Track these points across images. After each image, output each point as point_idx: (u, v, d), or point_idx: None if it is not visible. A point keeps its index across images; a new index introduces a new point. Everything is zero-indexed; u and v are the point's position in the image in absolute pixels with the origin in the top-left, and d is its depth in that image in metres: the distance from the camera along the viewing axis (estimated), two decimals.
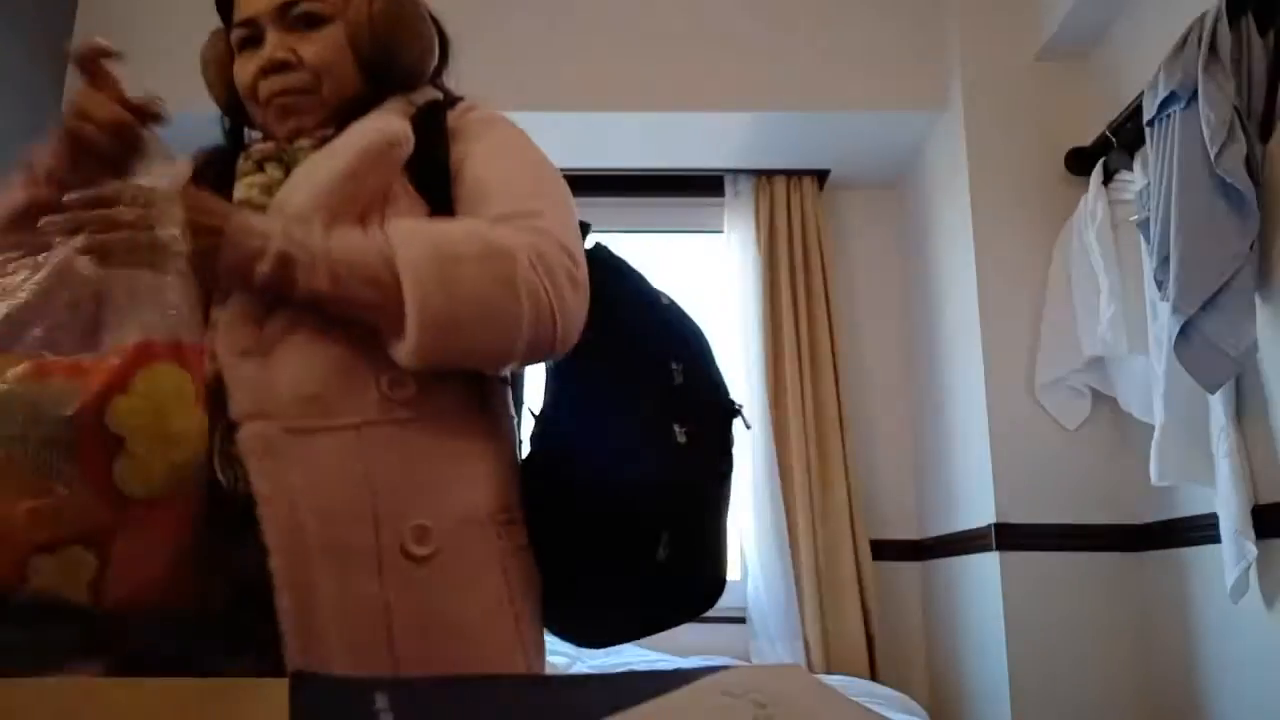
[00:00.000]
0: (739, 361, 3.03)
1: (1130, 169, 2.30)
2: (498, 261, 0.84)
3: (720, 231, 3.20)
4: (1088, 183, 2.43)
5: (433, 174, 0.95)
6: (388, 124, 0.95)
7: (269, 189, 0.94)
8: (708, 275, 3.24)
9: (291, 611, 0.77)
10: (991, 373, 2.52)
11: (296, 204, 0.88)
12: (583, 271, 0.90)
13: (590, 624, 1.02)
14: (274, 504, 0.79)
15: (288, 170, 0.96)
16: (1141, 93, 2.11)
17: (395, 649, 0.80)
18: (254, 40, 1.02)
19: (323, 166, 0.91)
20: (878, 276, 3.26)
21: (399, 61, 1.03)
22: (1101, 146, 2.41)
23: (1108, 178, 2.40)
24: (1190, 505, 2.17)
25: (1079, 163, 2.55)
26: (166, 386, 0.67)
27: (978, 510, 2.54)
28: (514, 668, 0.88)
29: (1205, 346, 1.81)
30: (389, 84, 1.03)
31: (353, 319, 0.85)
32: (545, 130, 1.10)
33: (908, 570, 3.01)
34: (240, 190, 0.95)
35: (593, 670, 2.50)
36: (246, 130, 1.11)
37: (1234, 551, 1.83)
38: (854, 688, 2.51)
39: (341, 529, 0.81)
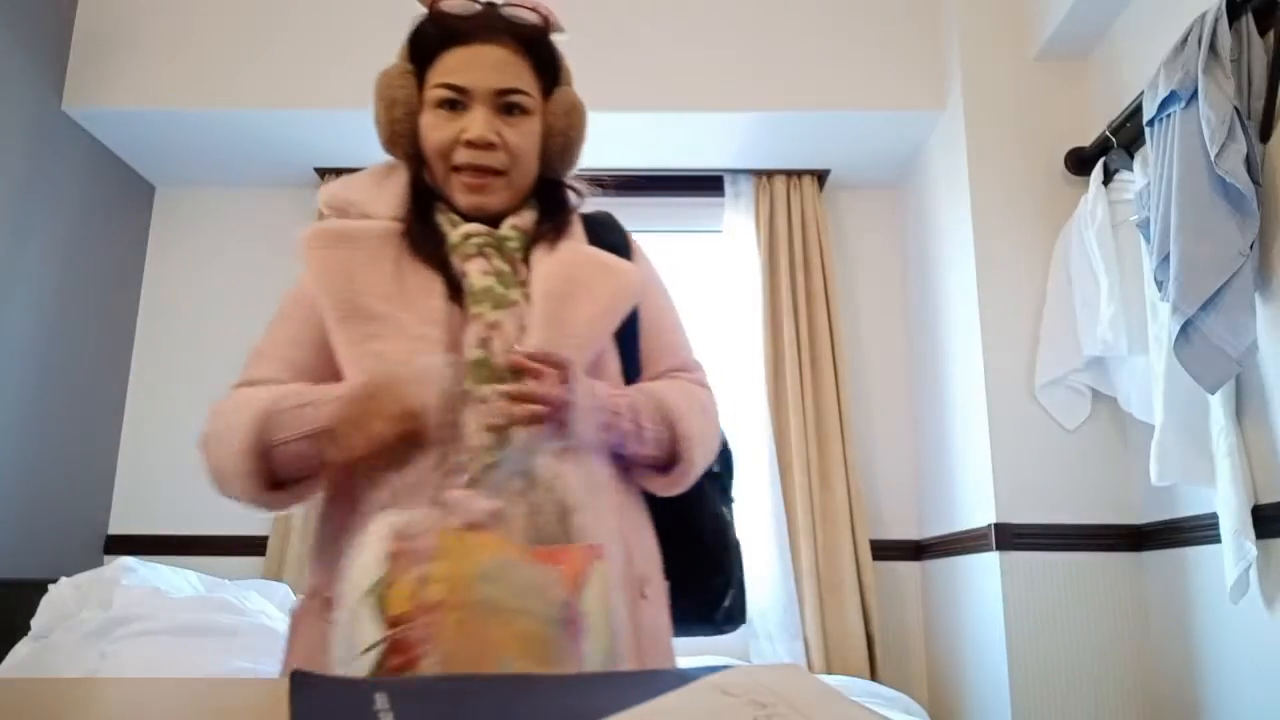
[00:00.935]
0: (739, 361, 3.03)
1: (1130, 169, 2.30)
2: (716, 429, 1.17)
3: (720, 231, 3.20)
4: (1088, 183, 2.43)
5: None
6: (626, 267, 1.13)
7: (501, 278, 1.07)
8: (707, 275, 3.24)
9: None
10: (991, 373, 2.52)
11: (579, 329, 1.04)
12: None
13: None
14: None
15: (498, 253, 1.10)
16: (1141, 93, 2.11)
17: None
18: (456, 105, 1.10)
19: (584, 304, 1.06)
20: (878, 276, 3.26)
21: (573, 162, 1.19)
22: (1101, 146, 2.41)
23: (1108, 178, 2.40)
24: (1190, 505, 2.17)
25: (1079, 163, 2.55)
26: (604, 580, 0.85)
27: (978, 510, 2.54)
28: None
29: (1205, 346, 1.81)
30: (552, 175, 1.18)
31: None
32: None
33: (908, 570, 3.01)
34: (477, 278, 1.06)
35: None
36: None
37: (1234, 551, 1.83)
38: (854, 688, 2.51)
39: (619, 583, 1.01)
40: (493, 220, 1.12)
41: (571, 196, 1.20)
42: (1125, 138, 2.31)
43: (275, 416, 0.97)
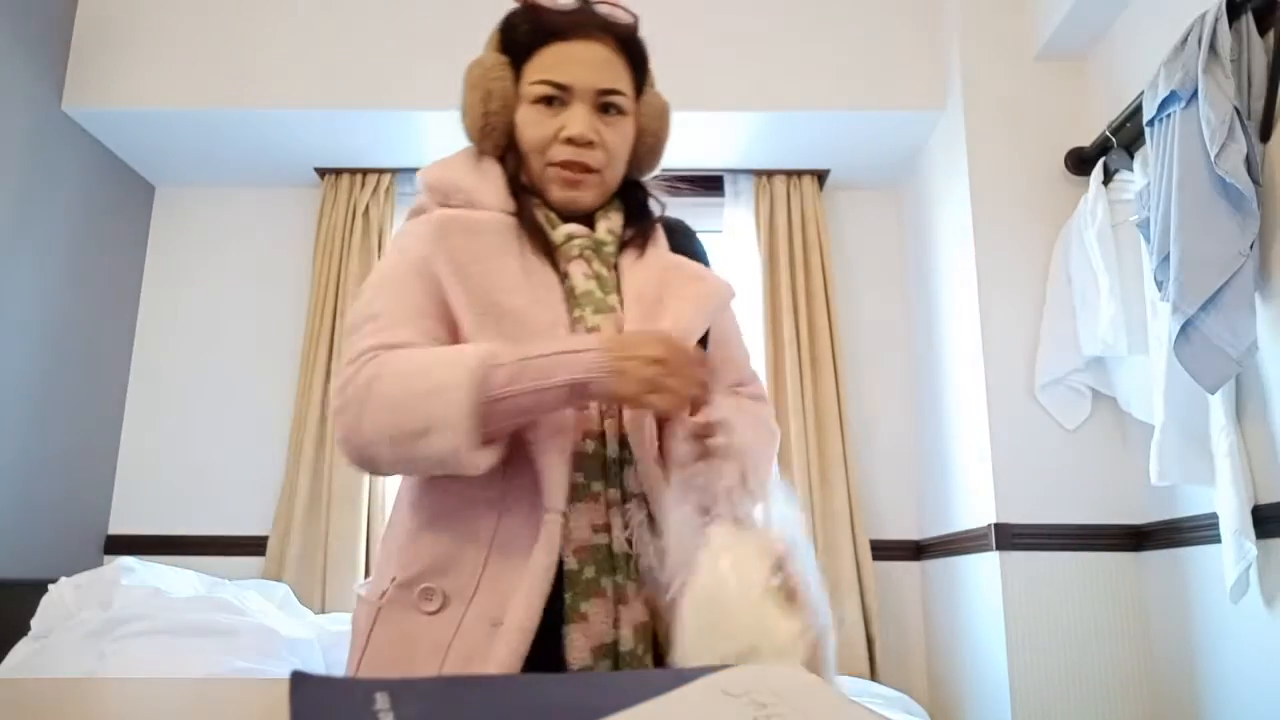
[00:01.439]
0: None
1: (1130, 169, 2.30)
2: (776, 444, 1.21)
3: (720, 231, 3.20)
4: (1088, 183, 2.43)
5: None
6: (713, 276, 1.17)
7: (601, 282, 1.10)
8: None
9: None
10: (991, 373, 2.52)
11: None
12: None
13: None
14: None
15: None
16: (1141, 93, 2.11)
17: None
18: (556, 101, 1.10)
19: (673, 314, 1.08)
20: (878, 276, 3.26)
21: (658, 163, 1.22)
22: (1101, 146, 2.41)
23: (1108, 178, 2.40)
24: (1190, 505, 2.17)
25: (1079, 163, 2.55)
26: None
27: (977, 510, 2.54)
28: None
29: (1205, 346, 1.81)
30: (636, 175, 1.20)
31: None
32: None
33: (908, 570, 3.01)
34: (579, 281, 1.09)
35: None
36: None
37: (1234, 551, 1.83)
38: (854, 688, 2.51)
39: None
40: (582, 217, 1.13)
41: (654, 204, 1.22)
42: (1125, 138, 2.31)
43: (499, 371, 0.92)
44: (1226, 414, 1.90)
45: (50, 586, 2.30)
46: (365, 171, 3.22)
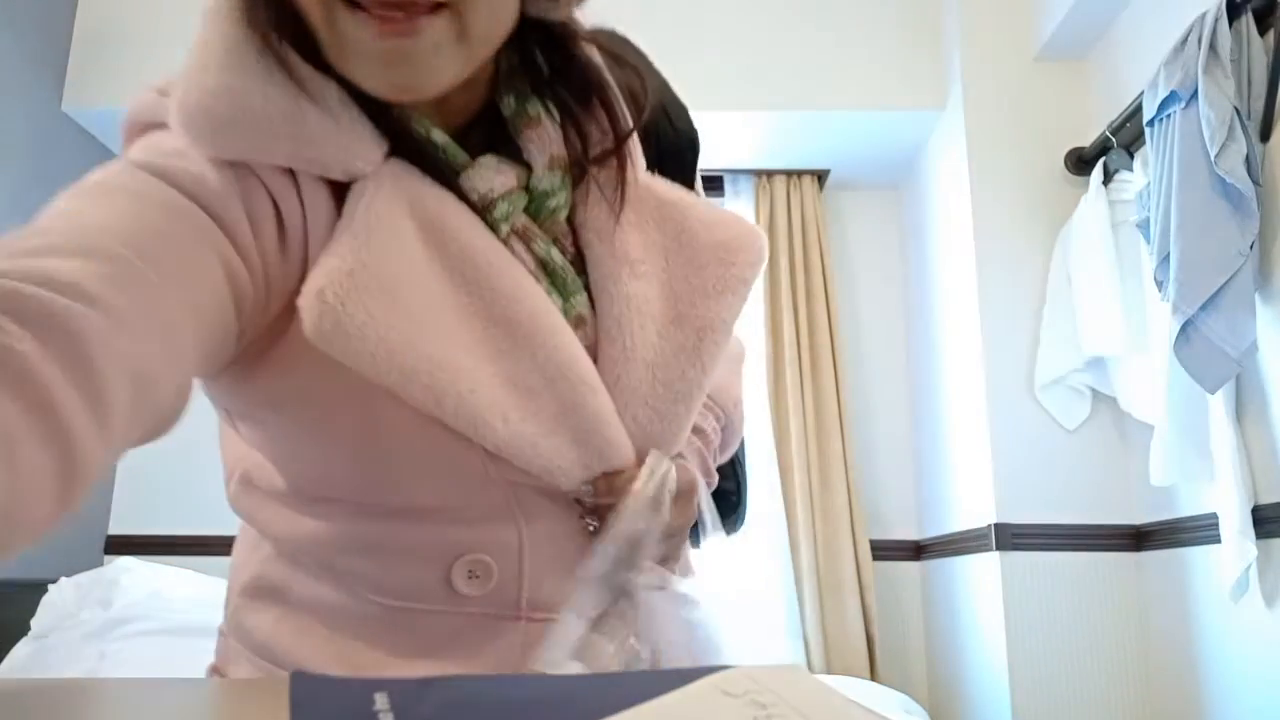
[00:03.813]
0: None
1: (1130, 169, 2.30)
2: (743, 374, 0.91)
3: None
4: (1088, 183, 2.43)
5: None
6: (753, 242, 0.78)
7: (555, 277, 0.68)
8: None
9: None
10: (991, 373, 2.52)
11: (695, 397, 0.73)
12: None
13: None
14: None
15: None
16: (1141, 93, 2.11)
17: None
18: None
19: (707, 339, 0.76)
20: (878, 276, 3.26)
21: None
22: (1101, 146, 2.41)
23: (1108, 178, 2.41)
24: (1190, 505, 2.17)
25: (1079, 163, 2.55)
26: None
27: (978, 510, 2.54)
28: None
29: (1205, 346, 1.81)
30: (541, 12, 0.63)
31: None
32: None
33: (908, 570, 3.02)
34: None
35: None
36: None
37: (1234, 551, 1.84)
38: (854, 688, 2.51)
39: None
40: (485, 141, 0.64)
41: (604, 68, 0.70)
42: (1125, 138, 2.31)
43: None
44: (1226, 414, 1.90)
45: (50, 586, 2.30)
46: None
